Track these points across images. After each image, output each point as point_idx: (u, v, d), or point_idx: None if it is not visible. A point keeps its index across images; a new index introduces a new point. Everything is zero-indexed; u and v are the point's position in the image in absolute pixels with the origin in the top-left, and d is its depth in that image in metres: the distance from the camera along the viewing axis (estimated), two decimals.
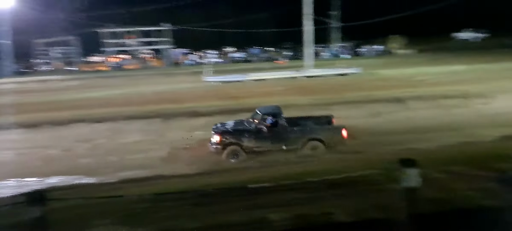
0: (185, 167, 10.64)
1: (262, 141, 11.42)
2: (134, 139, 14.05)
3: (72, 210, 5.95)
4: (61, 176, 10.83)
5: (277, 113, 11.90)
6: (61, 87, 30.09)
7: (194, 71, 38.79)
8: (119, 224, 5.59)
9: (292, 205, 5.69)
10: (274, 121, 11.62)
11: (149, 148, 12.70)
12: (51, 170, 11.48)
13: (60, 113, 18.32)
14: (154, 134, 14.50)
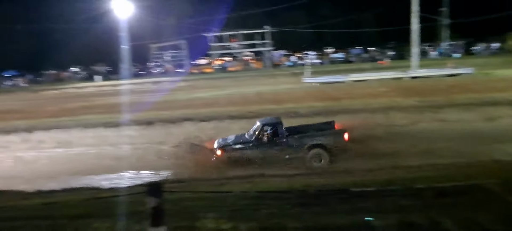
0: (284, 166, 10.80)
1: (263, 151, 11.51)
2: None
3: (180, 202, 6.40)
4: (171, 170, 11.75)
5: (276, 124, 12.07)
6: (172, 88, 32.49)
7: (294, 72, 39.05)
8: (224, 219, 5.86)
9: (398, 211, 5.41)
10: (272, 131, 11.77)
11: None
12: (163, 164, 12.51)
13: (171, 112, 19.78)
14: None
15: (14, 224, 6.31)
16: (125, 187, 10.07)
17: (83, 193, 9.09)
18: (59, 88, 38.44)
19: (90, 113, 20.01)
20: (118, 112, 19.96)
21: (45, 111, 22.00)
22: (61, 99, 29.01)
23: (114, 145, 15.95)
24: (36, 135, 16.75)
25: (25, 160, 15.44)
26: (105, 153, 15.58)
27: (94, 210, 6.62)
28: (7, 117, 20.41)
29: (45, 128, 17.12)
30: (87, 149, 15.93)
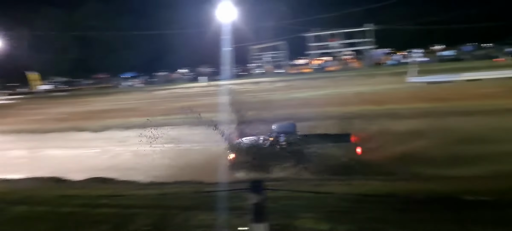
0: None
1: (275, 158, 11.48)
2: None
3: (279, 200, 6.53)
4: None
5: (290, 132, 12.15)
6: (271, 89, 33.16)
7: (397, 71, 37.15)
8: (322, 219, 5.84)
9: None
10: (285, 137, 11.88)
11: None
12: None
13: (269, 112, 20.16)
14: None
15: (133, 211, 7.02)
16: (228, 182, 10.56)
17: (190, 186, 9.76)
18: (169, 89, 41.60)
19: (195, 112, 21.25)
20: (221, 111, 20.94)
21: (157, 109, 23.99)
22: (171, 99, 31.35)
23: (217, 142, 16.79)
24: (148, 131, 18.34)
25: (140, 153, 17.04)
26: (208, 150, 16.51)
27: (200, 203, 7.06)
28: (125, 115, 22.70)
29: (157, 125, 18.62)
30: (193, 145, 17.02)
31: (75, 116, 24.50)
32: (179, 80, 55.27)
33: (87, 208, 7.43)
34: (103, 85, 58.41)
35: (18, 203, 7.83)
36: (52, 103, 37.25)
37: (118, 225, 6.38)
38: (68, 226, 6.54)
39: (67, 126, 20.45)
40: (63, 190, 9.58)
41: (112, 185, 10.52)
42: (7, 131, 21.11)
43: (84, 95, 45.26)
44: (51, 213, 7.35)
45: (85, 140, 18.56)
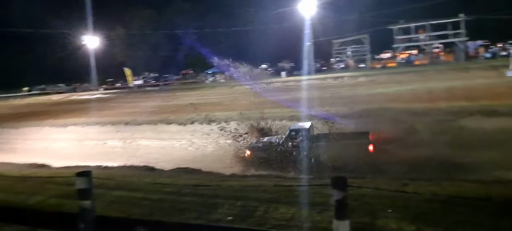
0: None
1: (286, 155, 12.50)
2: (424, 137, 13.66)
3: (362, 198, 6.39)
4: None
5: (302, 131, 12.95)
6: (353, 84, 32.35)
7: (494, 65, 34.10)
8: (406, 220, 5.61)
9: None
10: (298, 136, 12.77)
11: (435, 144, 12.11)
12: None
13: (350, 108, 19.68)
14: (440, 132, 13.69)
15: (216, 201, 7.35)
16: (308, 177, 10.58)
17: (270, 179, 9.94)
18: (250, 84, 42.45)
19: (276, 107, 21.51)
20: (300, 106, 20.96)
21: (239, 104, 24.67)
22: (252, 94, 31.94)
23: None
24: (231, 125, 18.96)
25: (222, 146, 17.71)
26: None
27: (281, 196, 7.18)
28: (209, 109, 23.65)
29: (239, 119, 19.19)
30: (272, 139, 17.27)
31: (164, 109, 26.10)
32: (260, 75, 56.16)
33: (175, 196, 7.93)
34: (189, 81, 61.37)
35: (116, 189, 8.58)
36: (144, 97, 40.08)
37: (202, 214, 6.72)
38: (158, 212, 7.03)
39: (157, 119, 21.87)
40: (153, 178, 10.30)
41: (196, 175, 11.08)
42: (105, 122, 23.16)
43: (172, 90, 48.02)
44: (144, 199, 7.97)
45: (172, 132, 19.73)
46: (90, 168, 12.92)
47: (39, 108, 37.00)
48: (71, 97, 53.30)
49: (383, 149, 12.53)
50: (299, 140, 12.93)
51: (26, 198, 8.57)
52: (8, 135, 24.22)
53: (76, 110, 31.52)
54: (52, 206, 7.36)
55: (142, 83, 63.49)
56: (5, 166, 15.04)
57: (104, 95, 51.44)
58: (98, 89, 62.55)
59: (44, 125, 24.67)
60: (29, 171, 13.18)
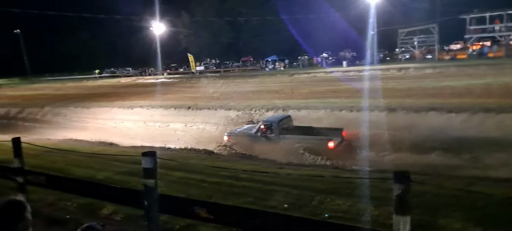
0: None
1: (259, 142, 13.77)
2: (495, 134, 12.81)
3: (423, 195, 6.13)
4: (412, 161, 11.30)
5: (273, 122, 14.24)
6: (419, 75, 30.89)
7: None
8: (471, 222, 5.31)
9: None
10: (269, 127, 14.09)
11: None
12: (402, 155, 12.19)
13: (415, 100, 18.90)
14: None
15: (271, 188, 7.41)
16: (367, 170, 10.33)
17: (328, 169, 9.84)
18: (310, 73, 42.06)
19: (336, 97, 21.17)
20: (361, 97, 20.44)
21: (298, 93, 24.55)
22: (312, 83, 31.71)
23: (357, 129, 16.50)
24: (289, 113, 18.95)
25: None
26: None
27: (338, 188, 7.07)
28: (268, 96, 23.79)
29: (297, 108, 19.14)
30: None
31: (224, 95, 26.59)
32: (321, 64, 55.33)
33: (232, 180, 8.09)
34: (249, 68, 61.99)
35: (177, 170, 8.93)
36: (205, 83, 41.12)
37: (258, 199, 6.80)
38: (215, 194, 7.22)
39: (217, 104, 22.37)
40: (212, 161, 10.59)
41: (253, 161, 11.22)
42: (168, 106, 24.10)
43: (233, 76, 48.77)
44: (202, 181, 8.22)
45: (231, 118, 20.08)
46: (154, 148, 13.57)
47: (109, 90, 39.29)
48: (137, 81, 55.98)
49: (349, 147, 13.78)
50: (269, 131, 14.19)
51: (95, 173, 9.17)
52: (81, 113, 26.01)
53: (142, 93, 33.09)
54: (117, 182, 7.81)
55: (203, 69, 65.08)
56: (79, 142, 16.19)
57: (167, 80, 53.45)
58: (162, 74, 65.05)
59: (113, 106, 26.15)
60: (98, 148, 14.07)
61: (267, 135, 14.11)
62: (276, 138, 13.89)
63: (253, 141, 14.17)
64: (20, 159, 6.93)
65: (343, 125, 15.71)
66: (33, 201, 6.54)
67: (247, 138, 14.53)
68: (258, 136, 14.29)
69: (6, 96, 39.95)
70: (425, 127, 14.82)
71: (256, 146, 13.70)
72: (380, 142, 13.76)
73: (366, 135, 15.17)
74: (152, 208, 4.94)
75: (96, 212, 6.61)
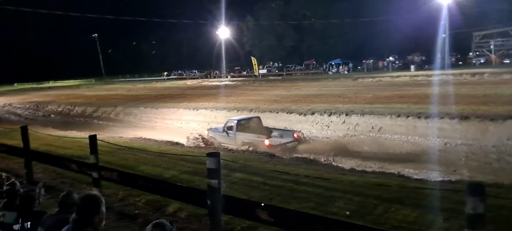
0: None
1: (224, 141, 16.81)
2: None
3: (499, 210, 5.70)
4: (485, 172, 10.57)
5: (233, 122, 17.07)
6: (495, 81, 28.75)
7: None
8: None
9: None
10: (229, 127, 17.04)
11: None
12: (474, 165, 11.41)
13: (492, 108, 17.61)
14: None
15: (333, 194, 7.28)
16: (435, 181, 9.82)
17: (392, 178, 9.48)
18: (375, 77, 40.82)
19: (402, 102, 20.35)
20: (430, 103, 19.46)
21: (362, 97, 23.92)
22: (377, 87, 30.76)
23: (423, 136, 15.75)
24: (352, 118, 18.53)
25: (342, 139, 17.44)
26: (413, 143, 15.64)
27: (404, 197, 6.79)
28: (330, 100, 23.44)
29: (361, 113, 18.65)
30: (396, 136, 16.40)
31: (286, 98, 26.63)
32: (387, 68, 53.47)
33: (292, 184, 8.07)
34: (312, 71, 61.50)
35: (238, 171, 9.09)
36: (267, 86, 41.44)
37: (319, 205, 6.72)
38: (276, 197, 7.24)
39: (278, 107, 22.45)
40: (273, 165, 10.63)
41: (315, 166, 11.09)
42: (231, 108, 24.58)
43: (295, 80, 48.68)
44: (263, 183, 8.28)
45: (292, 121, 20.05)
46: (216, 149, 13.92)
47: (176, 92, 40.91)
48: (203, 83, 57.74)
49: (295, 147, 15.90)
50: (230, 129, 17.09)
51: (163, 171, 9.59)
52: (150, 114, 27.35)
53: (206, 95, 34.08)
54: (183, 181, 8.11)
55: (266, 72, 65.64)
56: (147, 141, 17.03)
57: (231, 83, 54.54)
58: (226, 77, 66.54)
59: (180, 107, 27.19)
60: (166, 147, 14.71)
61: (228, 132, 17.16)
62: (233, 135, 16.88)
63: (220, 136, 17.52)
64: (95, 155, 7.44)
65: (408, 132, 15.14)
66: (105, 196, 6.98)
67: (217, 133, 17.83)
68: (223, 132, 17.41)
69: (83, 96, 43.08)
70: (503, 135, 13.80)
71: (221, 140, 17.25)
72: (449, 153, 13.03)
73: (434, 145, 14.50)
74: (215, 208, 5.07)
75: (162, 209, 6.90)
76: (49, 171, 9.89)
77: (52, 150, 12.11)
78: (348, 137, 17.55)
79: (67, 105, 35.31)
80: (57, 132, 19.67)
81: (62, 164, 8.79)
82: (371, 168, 11.64)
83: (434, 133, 15.63)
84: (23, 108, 38.12)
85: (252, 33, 79.73)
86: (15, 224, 4.33)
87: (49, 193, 7.92)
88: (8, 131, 16.15)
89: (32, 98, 44.69)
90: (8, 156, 11.11)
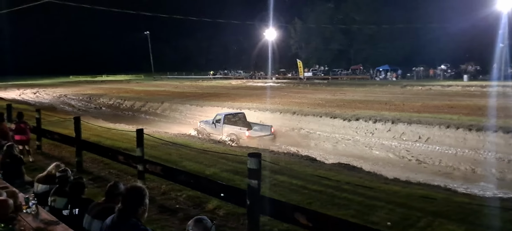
0: None
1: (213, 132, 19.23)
2: None
3: None
4: None
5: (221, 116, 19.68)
6: None
7: None
8: None
9: None
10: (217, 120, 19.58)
11: None
12: None
13: None
14: None
15: (375, 203, 7.10)
16: (484, 197, 9.34)
17: (436, 190, 9.11)
18: (425, 85, 39.41)
19: (452, 113, 19.50)
20: (483, 115, 18.52)
21: (410, 105, 23.16)
22: (426, 96, 29.69)
23: (474, 150, 15.00)
24: (398, 127, 17.97)
25: (386, 147, 16.97)
26: (462, 156, 14.93)
27: (450, 211, 6.51)
28: (376, 107, 22.86)
29: (407, 122, 18.07)
30: (445, 148, 15.72)
31: (330, 103, 26.28)
32: (438, 76, 51.43)
33: (333, 190, 7.95)
34: (359, 76, 60.34)
35: (278, 173, 9.08)
36: (312, 89, 41.11)
37: (359, 213, 6.58)
38: (315, 202, 7.16)
39: (322, 111, 22.18)
40: (314, 169, 10.53)
41: (357, 173, 10.88)
42: (274, 109, 24.57)
43: (340, 84, 47.93)
44: (303, 187, 8.22)
45: (336, 126, 19.75)
46: (258, 150, 13.99)
47: (221, 91, 41.52)
48: (247, 84, 58.19)
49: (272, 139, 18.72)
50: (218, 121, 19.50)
51: (204, 168, 9.76)
52: (195, 111, 27.91)
53: (251, 95, 34.29)
54: (223, 179, 8.21)
55: (311, 75, 65.13)
56: (191, 138, 17.40)
57: (275, 84, 54.58)
58: (271, 78, 66.68)
59: (224, 106, 27.53)
60: (208, 145, 14.97)
61: (216, 124, 19.50)
62: (220, 127, 19.21)
63: (209, 127, 19.81)
64: (141, 149, 7.70)
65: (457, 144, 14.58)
66: (149, 189, 7.20)
67: (207, 125, 20.07)
68: (212, 124, 19.68)
69: (132, 91, 44.69)
70: None
71: (210, 131, 19.58)
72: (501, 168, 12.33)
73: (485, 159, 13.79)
74: (253, 208, 5.10)
75: (202, 205, 7.02)
76: (97, 161, 10.34)
77: (101, 141, 12.66)
78: (394, 145, 17.06)
79: (117, 99, 36.75)
80: (107, 124, 20.54)
81: (110, 155, 9.16)
82: (415, 179, 11.22)
83: (486, 146, 14.83)
84: (76, 100, 40.09)
85: (299, 35, 79.40)
86: (64, 209, 4.57)
87: (96, 182, 8.31)
88: (62, 120, 17.01)
89: (85, 90, 46.93)
90: (60, 144, 11.74)
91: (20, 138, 10.58)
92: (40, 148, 12.11)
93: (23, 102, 36.33)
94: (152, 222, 6.00)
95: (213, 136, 18.82)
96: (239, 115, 20.64)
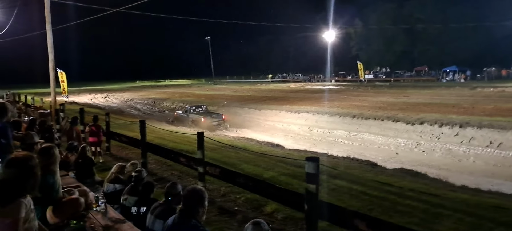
0: None
1: (184, 119, 25.43)
2: None
3: None
4: None
5: (189, 107, 26.52)
6: None
7: None
8: None
9: None
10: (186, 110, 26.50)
11: None
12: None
13: None
14: None
15: (441, 211, 6.74)
16: None
17: (510, 199, 8.46)
18: (497, 86, 36.76)
19: None
20: None
21: (480, 108, 21.74)
22: (499, 98, 27.68)
23: None
24: (467, 131, 16.94)
25: (453, 153, 16.04)
26: None
27: None
28: (443, 110, 21.71)
29: (477, 126, 16.98)
30: None
31: (392, 106, 25.38)
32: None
33: (395, 197, 7.65)
34: (423, 78, 57.65)
35: (337, 178, 8.92)
36: (373, 92, 39.93)
37: (424, 221, 6.28)
38: (376, 209, 6.94)
39: (384, 115, 21.48)
40: (375, 174, 10.22)
41: (421, 180, 10.40)
42: (333, 113, 24.19)
43: (403, 86, 46.07)
44: (363, 193, 8.00)
45: (398, 130, 19.03)
46: (316, 154, 13.85)
47: (279, 95, 41.59)
48: (306, 87, 57.77)
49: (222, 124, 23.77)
50: (186, 112, 25.83)
51: (262, 171, 9.82)
52: (253, 114, 28.22)
53: (309, 98, 34.03)
54: (281, 183, 8.21)
55: (372, 77, 63.25)
56: (250, 141, 17.61)
57: (335, 87, 53.68)
58: (330, 81, 65.67)
59: (282, 109, 27.58)
60: (266, 148, 15.05)
61: (186, 113, 25.76)
62: (187, 115, 25.28)
63: (181, 116, 26.08)
64: (202, 151, 7.92)
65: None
66: (209, 190, 7.38)
67: (180, 115, 26.49)
68: (183, 114, 26.17)
69: (193, 95, 46.11)
70: None
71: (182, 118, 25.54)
72: None
73: None
74: (311, 213, 5.05)
75: (260, 208, 7.07)
76: (160, 163, 10.78)
77: (164, 143, 13.19)
78: (462, 151, 16.09)
79: (180, 102, 38.11)
80: (169, 127, 21.36)
81: (172, 157, 9.52)
82: (485, 187, 10.50)
83: None
84: (142, 104, 42.10)
85: (359, 37, 77.48)
86: (133, 207, 4.82)
87: (160, 183, 8.67)
88: (129, 123, 17.94)
89: (150, 95, 49.17)
90: (127, 146, 12.39)
91: (94, 140, 11.34)
92: (109, 149, 12.86)
93: (94, 106, 38.77)
94: (211, 223, 6.14)
95: (185, 122, 24.86)
96: (202, 107, 27.10)
